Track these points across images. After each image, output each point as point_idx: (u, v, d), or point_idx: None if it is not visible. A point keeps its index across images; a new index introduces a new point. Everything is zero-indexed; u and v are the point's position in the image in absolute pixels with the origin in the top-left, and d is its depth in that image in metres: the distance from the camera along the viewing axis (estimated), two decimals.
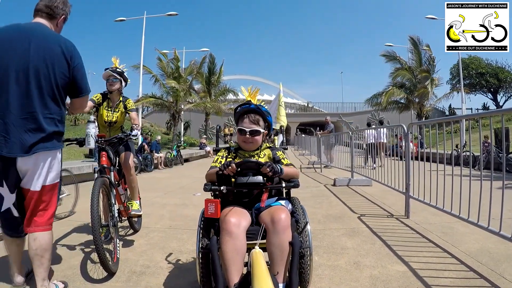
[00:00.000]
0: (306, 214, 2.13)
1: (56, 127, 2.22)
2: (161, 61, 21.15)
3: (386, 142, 9.90)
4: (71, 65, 2.23)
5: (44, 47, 2.14)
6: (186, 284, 2.58)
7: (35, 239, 2.16)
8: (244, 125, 2.16)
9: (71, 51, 2.24)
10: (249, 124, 2.15)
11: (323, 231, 3.93)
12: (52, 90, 2.17)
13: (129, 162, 3.65)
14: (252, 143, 2.18)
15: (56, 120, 2.22)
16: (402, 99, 22.58)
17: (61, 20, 2.40)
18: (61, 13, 2.37)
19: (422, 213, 4.57)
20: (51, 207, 2.26)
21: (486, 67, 35.73)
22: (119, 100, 3.76)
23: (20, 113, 2.07)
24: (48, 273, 2.25)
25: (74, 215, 4.74)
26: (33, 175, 2.16)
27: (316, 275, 2.65)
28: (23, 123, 2.08)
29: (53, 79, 2.16)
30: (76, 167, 8.32)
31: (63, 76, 2.21)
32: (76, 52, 2.28)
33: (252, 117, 2.16)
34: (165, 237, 3.77)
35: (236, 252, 1.75)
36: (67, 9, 2.41)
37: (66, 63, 2.20)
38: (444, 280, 2.57)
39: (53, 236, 2.33)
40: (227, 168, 1.89)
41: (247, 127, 2.14)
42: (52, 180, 2.24)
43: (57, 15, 2.35)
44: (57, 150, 2.26)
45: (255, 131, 2.14)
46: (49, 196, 2.24)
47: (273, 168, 1.88)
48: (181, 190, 7.28)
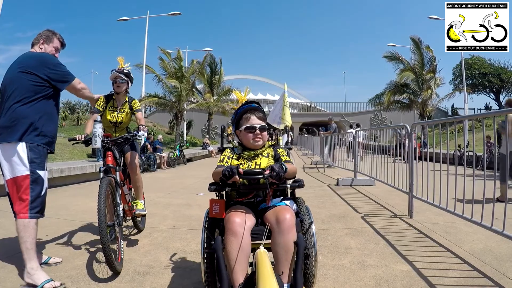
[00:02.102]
0: (311, 214, 2.14)
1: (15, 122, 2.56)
2: (163, 61, 21.17)
3: (362, 142, 10.33)
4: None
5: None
6: (190, 284, 2.59)
7: (16, 225, 2.52)
8: (253, 122, 2.18)
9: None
10: (257, 120, 2.18)
11: (327, 230, 3.93)
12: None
13: (134, 162, 3.66)
14: (261, 140, 2.19)
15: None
16: (404, 99, 22.51)
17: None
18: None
19: (426, 213, 4.57)
20: (26, 197, 2.53)
21: (488, 67, 35.59)
22: (125, 101, 3.77)
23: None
24: (31, 256, 2.50)
25: (78, 215, 4.76)
26: (3, 166, 2.58)
27: (321, 275, 2.66)
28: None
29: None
30: (79, 166, 8.37)
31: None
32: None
33: (258, 113, 2.20)
34: (169, 237, 3.79)
35: (241, 252, 1.75)
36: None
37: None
38: (448, 279, 2.57)
39: (36, 226, 2.56)
40: (230, 177, 1.87)
41: (256, 124, 2.17)
42: (20, 172, 2.53)
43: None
44: (17, 143, 2.54)
45: (264, 126, 2.19)
46: (22, 186, 2.53)
47: (278, 175, 1.86)
48: (184, 190, 7.30)
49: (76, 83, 2.87)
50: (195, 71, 22.50)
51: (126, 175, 3.72)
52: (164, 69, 21.31)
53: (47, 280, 2.46)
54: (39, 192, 2.59)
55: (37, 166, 2.59)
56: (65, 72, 2.79)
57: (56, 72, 2.72)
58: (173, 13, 20.92)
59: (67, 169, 7.92)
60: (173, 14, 20.96)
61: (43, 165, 2.66)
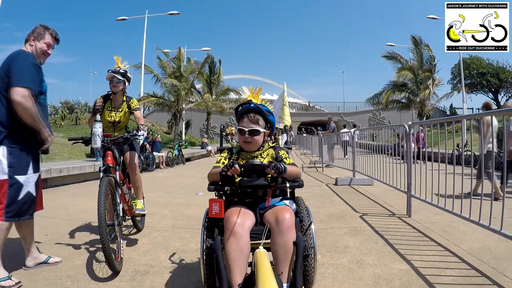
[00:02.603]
0: (310, 214, 2.14)
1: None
2: (161, 60, 21.14)
3: (357, 141, 10.36)
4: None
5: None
6: (190, 284, 2.59)
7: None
8: (244, 124, 2.12)
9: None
10: (249, 123, 2.11)
11: (326, 230, 3.94)
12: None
13: (134, 161, 3.67)
14: (251, 143, 2.13)
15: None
16: (403, 98, 22.54)
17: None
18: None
19: (424, 212, 4.58)
20: (3, 200, 2.53)
21: (487, 67, 35.58)
22: (123, 100, 3.78)
23: None
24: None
25: (77, 215, 4.76)
26: None
27: (319, 274, 2.67)
28: None
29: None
30: (77, 166, 8.36)
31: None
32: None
33: (251, 116, 2.10)
34: (168, 237, 3.79)
35: (240, 252, 1.76)
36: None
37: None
38: (446, 278, 2.59)
39: (8, 229, 2.58)
40: (230, 169, 1.86)
41: (246, 127, 2.10)
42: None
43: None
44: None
45: (254, 130, 2.09)
46: (0, 191, 2.52)
47: (277, 169, 1.84)
48: (183, 190, 7.30)
49: (17, 93, 2.47)
50: (194, 71, 22.47)
51: (125, 174, 3.73)
52: (162, 68, 21.28)
53: (4, 277, 2.48)
54: (16, 196, 2.57)
55: (15, 171, 2.56)
56: (21, 72, 2.54)
57: (13, 70, 2.52)
58: (172, 12, 20.84)
59: (66, 168, 7.91)
60: (171, 13, 20.88)
61: (24, 169, 2.62)
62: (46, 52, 2.83)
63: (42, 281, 2.65)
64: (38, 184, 2.75)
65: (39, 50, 2.78)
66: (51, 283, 2.61)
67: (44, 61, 2.85)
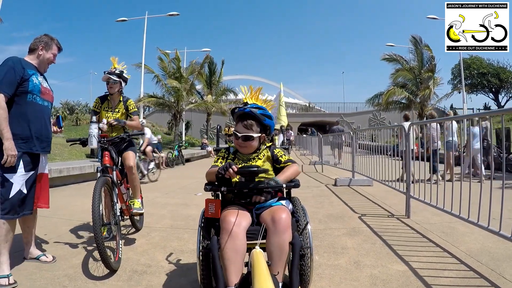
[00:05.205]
0: (306, 214, 2.14)
1: None
2: (162, 61, 21.16)
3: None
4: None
5: None
6: (187, 284, 2.59)
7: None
8: (238, 129, 2.11)
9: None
10: (242, 129, 2.10)
11: (324, 230, 3.94)
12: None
13: (131, 161, 3.67)
14: (246, 148, 2.13)
15: None
16: (403, 99, 22.53)
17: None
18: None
19: (423, 213, 4.58)
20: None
21: (487, 67, 35.58)
22: (120, 101, 3.79)
23: None
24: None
25: (76, 215, 4.76)
26: None
27: (317, 275, 2.67)
28: None
29: None
30: (77, 166, 8.36)
31: None
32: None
33: (244, 122, 2.10)
34: (166, 237, 3.79)
35: (236, 252, 1.76)
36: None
37: None
38: (444, 279, 2.58)
39: (6, 225, 2.59)
40: (226, 171, 1.87)
41: (240, 132, 2.10)
42: None
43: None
44: None
45: (248, 136, 2.09)
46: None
47: (269, 192, 1.91)
48: (182, 190, 7.29)
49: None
50: (193, 72, 22.49)
51: (123, 174, 3.73)
52: (163, 69, 21.30)
53: (3, 275, 2.49)
54: (7, 194, 2.60)
55: (4, 169, 2.59)
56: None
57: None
58: (171, 13, 20.87)
59: (66, 169, 7.90)
60: (171, 14, 20.90)
61: (13, 168, 2.63)
62: (52, 62, 2.96)
63: (40, 280, 2.65)
64: (33, 183, 2.77)
65: (46, 60, 2.91)
66: (49, 282, 2.62)
67: (47, 69, 2.99)
